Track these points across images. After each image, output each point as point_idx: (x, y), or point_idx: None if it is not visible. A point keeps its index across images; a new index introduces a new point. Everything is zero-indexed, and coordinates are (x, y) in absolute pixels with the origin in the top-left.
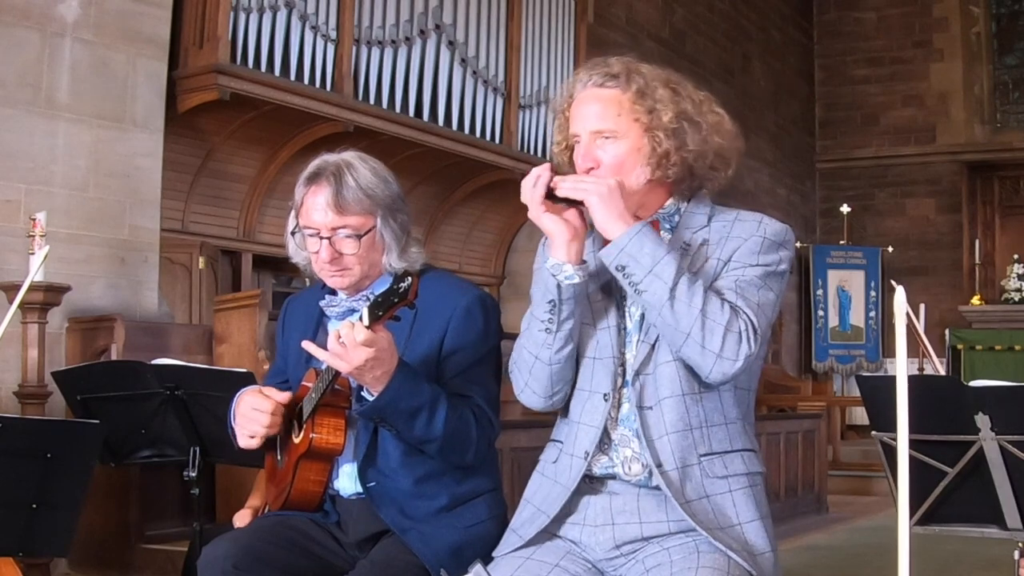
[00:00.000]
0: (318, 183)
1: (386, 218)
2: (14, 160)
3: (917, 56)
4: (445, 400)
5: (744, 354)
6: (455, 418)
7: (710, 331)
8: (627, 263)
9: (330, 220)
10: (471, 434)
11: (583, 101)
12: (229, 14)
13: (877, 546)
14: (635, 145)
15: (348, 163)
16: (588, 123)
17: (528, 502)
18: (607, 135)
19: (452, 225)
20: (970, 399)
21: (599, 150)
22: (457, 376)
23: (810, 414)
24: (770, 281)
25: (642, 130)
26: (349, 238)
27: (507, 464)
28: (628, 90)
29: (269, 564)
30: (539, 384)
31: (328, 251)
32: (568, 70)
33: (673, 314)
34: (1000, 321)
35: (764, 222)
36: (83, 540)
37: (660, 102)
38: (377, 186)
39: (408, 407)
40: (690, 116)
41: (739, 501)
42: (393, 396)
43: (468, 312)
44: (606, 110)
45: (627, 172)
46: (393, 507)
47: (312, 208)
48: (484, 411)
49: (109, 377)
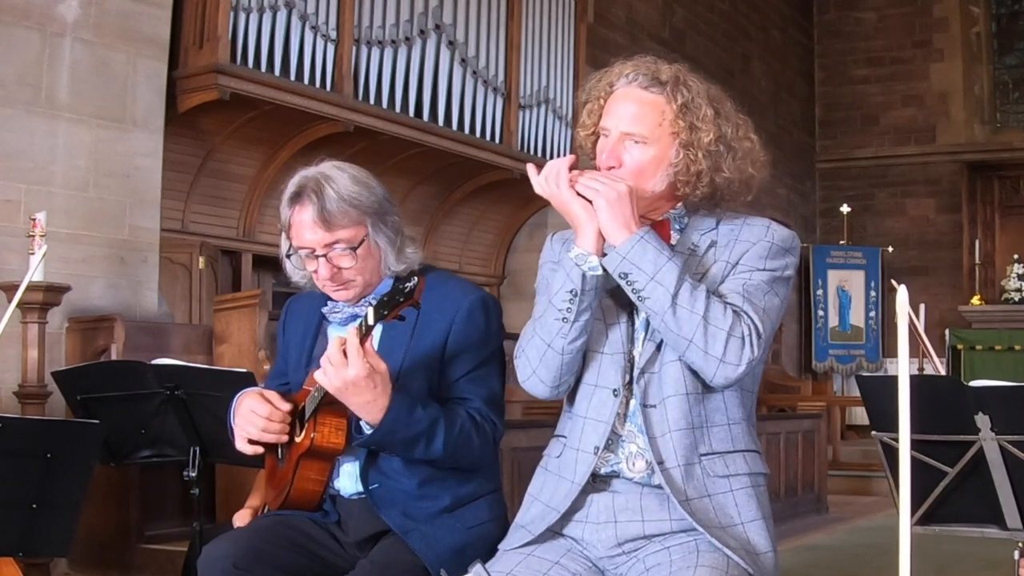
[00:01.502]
0: (301, 203)
1: (376, 224)
2: (14, 160)
3: (917, 56)
4: (442, 421)
5: (747, 359)
6: (454, 435)
7: (712, 336)
8: (629, 270)
9: (321, 237)
10: (472, 444)
11: (623, 97)
12: (229, 14)
13: (877, 546)
14: (661, 155)
15: (326, 176)
16: (622, 122)
17: (535, 498)
18: (637, 139)
19: (452, 225)
20: (970, 399)
21: (625, 152)
22: (460, 378)
23: (810, 414)
24: (776, 286)
25: (676, 143)
26: (345, 252)
27: (507, 464)
28: (673, 101)
29: (269, 563)
30: (548, 373)
31: (327, 268)
32: (568, 70)
33: (676, 320)
34: (1000, 321)
35: (772, 227)
36: (83, 540)
37: (703, 121)
38: (360, 194)
39: (405, 437)
40: (728, 141)
41: (741, 500)
42: (389, 428)
43: (471, 314)
44: (645, 115)
45: (646, 179)
46: (395, 509)
47: (301, 228)
48: (485, 415)
49: (109, 377)
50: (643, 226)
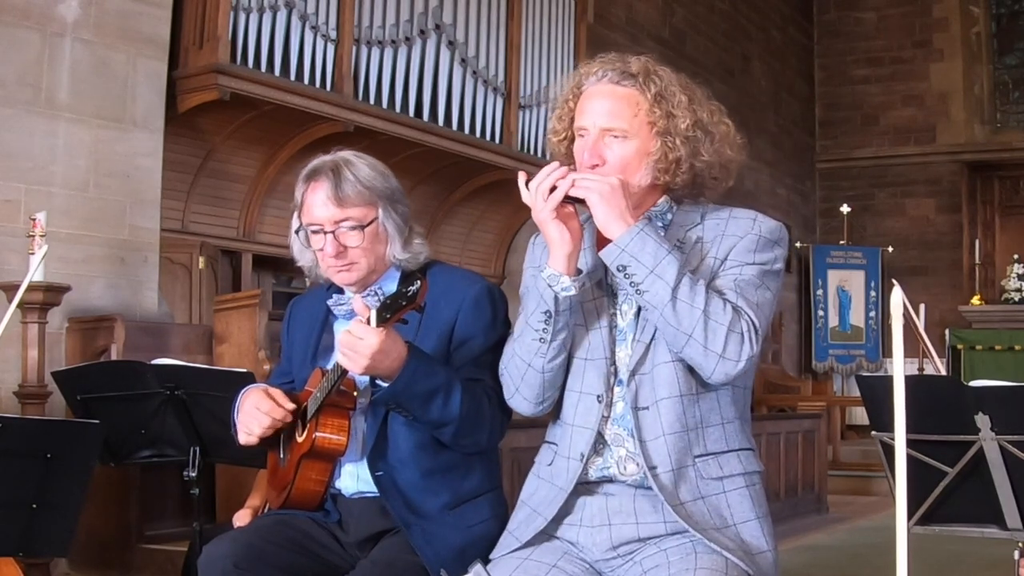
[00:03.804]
0: (317, 179)
1: (387, 209)
2: (14, 160)
3: (917, 56)
4: (460, 383)
5: (747, 355)
6: (469, 399)
7: (713, 332)
8: (628, 263)
9: (332, 214)
10: (485, 413)
11: (595, 95)
12: (229, 14)
13: (877, 546)
14: (643, 147)
15: (345, 159)
16: (599, 119)
17: (525, 504)
18: (617, 134)
19: (452, 225)
20: (970, 399)
21: (607, 149)
22: (467, 364)
23: (810, 414)
24: (767, 280)
25: (655, 134)
26: (353, 230)
27: (507, 464)
28: (646, 91)
29: (269, 563)
30: (530, 391)
31: (333, 245)
32: (568, 70)
33: (675, 314)
34: (1000, 321)
35: (758, 220)
36: (83, 540)
37: (678, 108)
38: (376, 179)
39: (424, 390)
40: (705, 126)
41: (735, 501)
42: (409, 380)
43: (476, 302)
44: (621, 109)
45: (631, 173)
46: (399, 499)
47: (313, 204)
48: (497, 393)
49: (109, 377)
50: (639, 219)
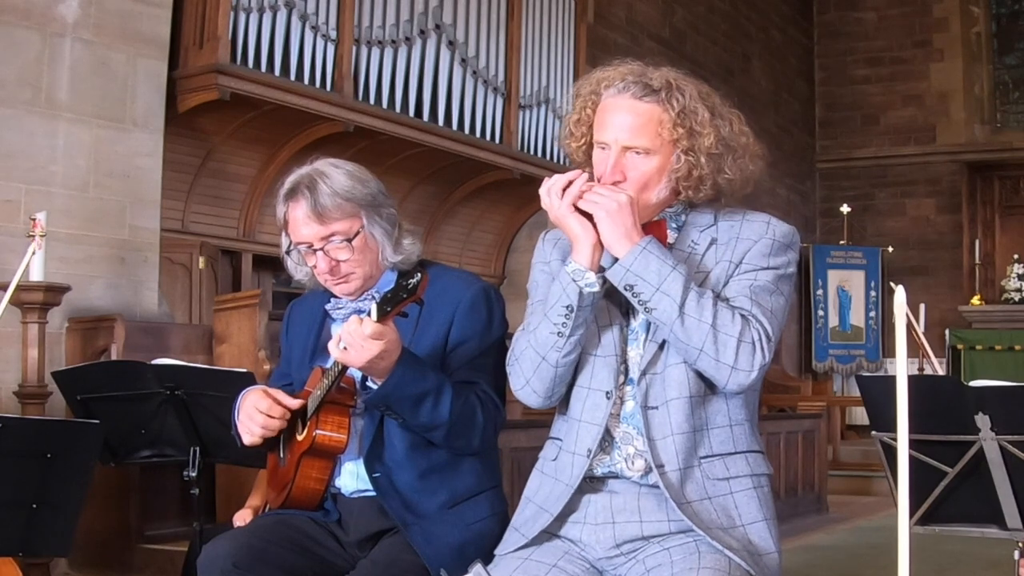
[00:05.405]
0: (295, 199)
1: (371, 216)
2: (14, 160)
3: (917, 56)
4: (450, 386)
5: (759, 364)
6: (460, 403)
7: (723, 344)
8: (635, 282)
9: (316, 231)
10: (477, 419)
11: (616, 109)
12: (229, 14)
13: (877, 546)
14: (664, 163)
15: (320, 172)
16: (621, 135)
17: (530, 500)
18: (639, 151)
19: (452, 225)
20: (970, 399)
21: (628, 165)
22: (463, 366)
23: (810, 414)
24: (781, 285)
25: (677, 150)
26: (341, 245)
27: (507, 464)
28: (669, 108)
29: (269, 563)
30: (542, 384)
31: (325, 262)
32: (568, 70)
33: (684, 330)
34: (1000, 321)
35: (772, 223)
36: (83, 540)
37: (701, 124)
38: (353, 188)
39: (413, 393)
40: (727, 141)
41: (742, 502)
42: (398, 383)
43: (473, 304)
44: (644, 126)
45: (651, 189)
46: (397, 499)
47: (296, 224)
48: (490, 396)
49: (109, 377)
50: (645, 236)
